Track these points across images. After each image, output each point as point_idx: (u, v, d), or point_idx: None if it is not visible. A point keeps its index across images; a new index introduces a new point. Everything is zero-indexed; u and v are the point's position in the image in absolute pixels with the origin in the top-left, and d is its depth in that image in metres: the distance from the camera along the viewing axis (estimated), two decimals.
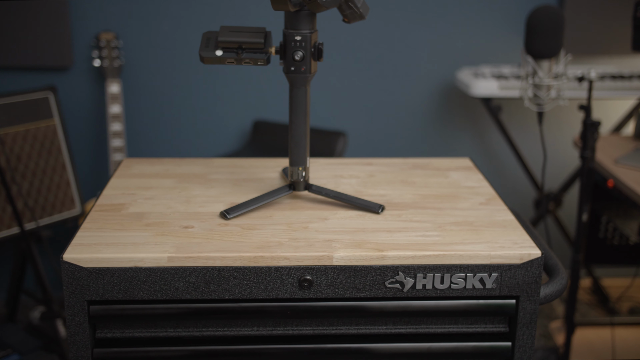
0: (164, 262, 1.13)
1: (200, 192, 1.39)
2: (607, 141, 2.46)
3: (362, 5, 1.31)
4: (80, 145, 2.75)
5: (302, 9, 1.23)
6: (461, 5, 2.72)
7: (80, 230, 1.21)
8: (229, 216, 1.27)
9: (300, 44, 1.24)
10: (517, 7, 2.72)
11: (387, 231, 1.24)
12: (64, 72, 2.67)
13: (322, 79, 2.72)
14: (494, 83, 2.48)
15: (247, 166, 1.54)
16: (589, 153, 2.00)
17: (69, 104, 2.69)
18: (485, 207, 1.35)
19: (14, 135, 2.35)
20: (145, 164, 1.53)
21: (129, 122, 2.73)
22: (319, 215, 1.30)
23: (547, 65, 1.89)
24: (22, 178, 2.36)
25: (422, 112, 2.84)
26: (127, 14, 2.63)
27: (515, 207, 2.92)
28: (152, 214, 1.28)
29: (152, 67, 2.70)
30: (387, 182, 1.47)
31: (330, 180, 1.47)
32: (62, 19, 2.56)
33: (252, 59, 1.25)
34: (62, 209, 2.47)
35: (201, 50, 1.26)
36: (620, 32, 2.70)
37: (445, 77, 2.80)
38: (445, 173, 1.52)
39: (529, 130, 2.87)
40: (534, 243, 1.20)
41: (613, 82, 2.51)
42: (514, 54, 2.78)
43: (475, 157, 2.91)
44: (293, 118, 1.30)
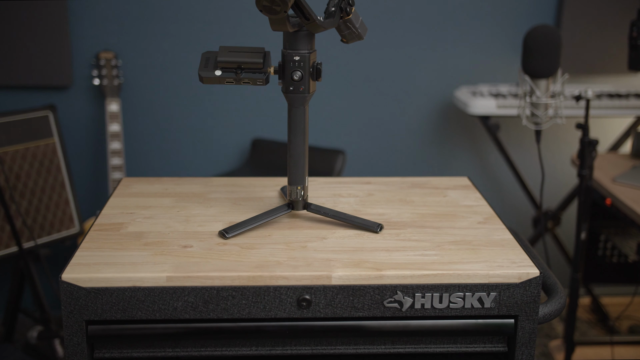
0: (163, 282, 1.13)
1: (199, 212, 1.39)
2: (605, 159, 2.47)
3: (360, 26, 1.33)
4: (80, 163, 2.75)
5: (301, 29, 1.24)
6: (459, 25, 2.74)
7: (79, 249, 1.21)
8: (228, 235, 1.27)
9: (298, 64, 1.25)
10: (514, 26, 2.74)
11: (386, 250, 1.24)
12: (63, 91, 2.68)
13: (321, 97, 2.73)
14: (492, 102, 2.50)
15: (246, 185, 1.55)
16: (587, 171, 2.00)
17: (68, 123, 2.70)
18: (484, 226, 1.35)
19: (13, 154, 2.35)
20: (144, 183, 1.53)
21: (128, 141, 2.74)
22: (318, 235, 1.30)
23: (545, 84, 1.90)
24: (21, 197, 2.36)
25: (420, 131, 2.85)
26: (126, 33, 2.65)
27: (514, 225, 2.92)
28: (151, 234, 1.29)
29: (151, 86, 2.72)
30: (386, 201, 1.47)
31: (328, 199, 1.48)
32: (63, 38, 2.57)
33: (251, 79, 1.26)
34: (60, 228, 2.47)
35: (200, 70, 1.27)
36: (617, 52, 2.72)
37: (443, 96, 2.82)
38: (444, 192, 1.53)
39: (527, 149, 2.88)
40: (532, 262, 1.20)
41: (610, 100, 2.52)
42: (511, 73, 2.79)
43: (474, 175, 2.92)
44: (292, 137, 1.31)
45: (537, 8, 2.73)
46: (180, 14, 2.64)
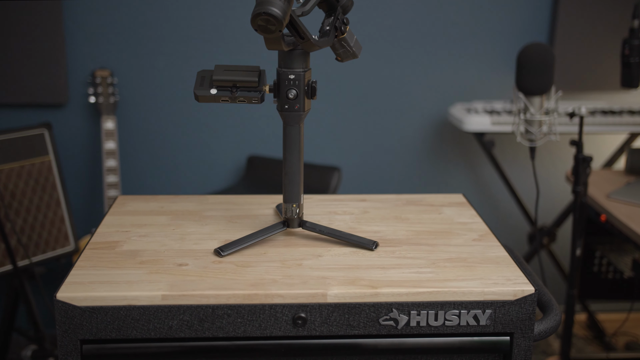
0: (158, 301, 1.13)
1: (195, 229, 1.39)
2: (599, 176, 2.48)
3: (354, 44, 1.34)
4: (75, 181, 2.75)
5: (296, 48, 1.24)
6: (454, 42, 2.76)
7: (74, 268, 1.21)
8: (223, 253, 1.27)
9: (293, 83, 1.26)
10: (508, 43, 2.76)
11: (381, 268, 1.24)
12: (59, 109, 2.69)
13: (316, 114, 2.74)
14: (487, 118, 2.51)
15: (242, 203, 1.55)
16: (581, 188, 2.01)
17: (64, 140, 2.70)
18: (479, 244, 1.35)
19: (9, 172, 2.35)
20: (140, 201, 1.54)
21: (123, 158, 2.74)
22: (313, 252, 1.30)
23: (539, 101, 1.91)
24: (16, 215, 2.36)
25: (415, 147, 2.86)
26: (122, 51, 2.66)
27: (509, 242, 2.92)
28: (147, 252, 1.28)
29: (147, 104, 2.72)
30: (381, 218, 1.48)
31: (324, 216, 1.48)
32: (59, 56, 2.58)
33: (247, 98, 1.27)
34: (55, 246, 2.47)
35: (196, 89, 1.27)
36: (610, 69, 2.74)
37: (438, 113, 2.83)
38: (439, 209, 1.53)
39: (522, 165, 2.89)
40: (527, 279, 1.20)
41: (604, 117, 2.54)
42: (506, 90, 2.81)
43: (469, 192, 2.92)
44: (287, 155, 1.31)
45: (531, 26, 2.75)
46: (176, 33, 2.66)
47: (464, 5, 2.72)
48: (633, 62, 1.97)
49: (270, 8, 1.09)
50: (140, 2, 2.61)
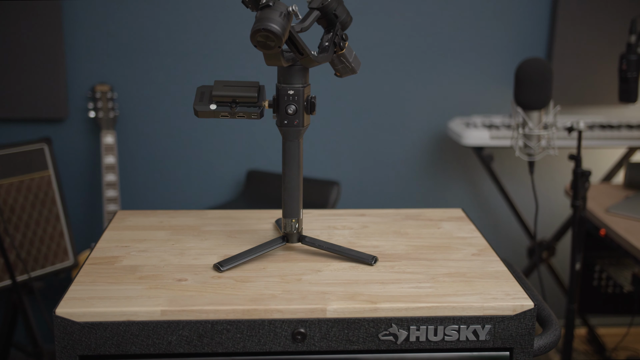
0: (157, 316, 1.13)
1: (194, 244, 1.40)
2: (598, 190, 2.48)
3: (353, 60, 1.34)
4: (74, 195, 2.75)
5: (295, 64, 1.25)
6: (452, 57, 2.77)
7: (74, 284, 1.21)
8: (223, 269, 1.27)
9: (293, 98, 1.26)
10: (507, 58, 2.78)
11: (380, 283, 1.24)
12: (59, 124, 2.69)
13: (315, 128, 2.74)
14: (486, 133, 2.52)
15: (241, 218, 1.55)
16: (580, 202, 2.01)
17: (63, 155, 2.71)
18: (478, 258, 1.35)
19: (8, 186, 2.35)
20: (139, 216, 1.54)
21: (123, 173, 2.75)
22: (312, 267, 1.30)
23: (537, 115, 1.92)
24: (15, 230, 2.36)
25: (414, 162, 2.87)
26: (122, 66, 2.67)
27: (509, 256, 2.92)
28: (146, 267, 1.29)
29: (146, 119, 2.73)
30: (380, 233, 1.48)
31: (323, 231, 1.48)
32: (59, 71, 2.59)
33: (246, 113, 1.27)
34: (54, 261, 2.46)
35: (195, 105, 1.28)
36: (608, 83, 2.75)
37: (437, 127, 2.84)
38: (438, 224, 1.53)
39: (521, 179, 2.89)
40: (527, 294, 1.20)
41: (602, 131, 2.55)
42: (504, 104, 2.82)
43: (468, 206, 2.92)
44: (286, 170, 1.32)
45: (529, 41, 2.77)
46: (176, 48, 2.67)
47: (462, 20, 2.73)
48: (630, 77, 1.98)
49: (269, 24, 1.10)
50: (140, 18, 2.63)
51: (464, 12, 2.72)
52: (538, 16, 2.75)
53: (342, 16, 1.28)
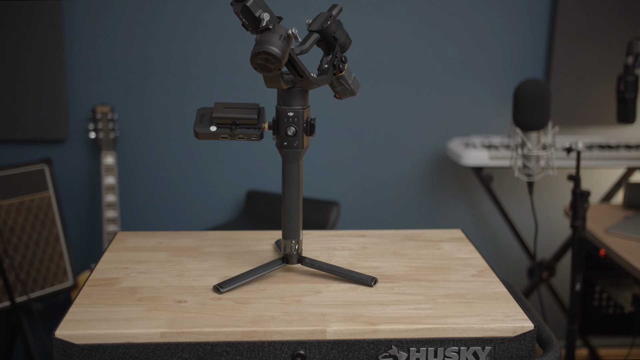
0: (157, 338, 1.13)
1: (194, 266, 1.40)
2: (598, 210, 2.48)
3: (352, 82, 1.35)
4: (74, 216, 2.76)
5: (295, 86, 1.26)
6: (451, 77, 2.79)
7: (73, 305, 1.21)
8: (222, 290, 1.27)
9: (292, 120, 1.27)
10: (506, 78, 2.79)
11: (380, 304, 1.24)
12: (60, 144, 2.70)
13: (315, 148, 2.75)
14: (485, 153, 2.52)
15: (241, 239, 1.55)
16: (580, 223, 2.01)
17: (64, 176, 2.71)
18: (478, 279, 1.35)
19: (8, 207, 2.35)
20: (139, 237, 1.54)
21: (123, 193, 2.75)
22: (312, 289, 1.30)
23: (536, 136, 1.92)
24: (15, 251, 2.36)
25: (414, 182, 2.87)
26: (123, 87, 2.68)
27: (509, 276, 2.92)
28: (146, 289, 1.28)
29: (146, 139, 2.74)
30: (380, 254, 1.48)
31: (323, 252, 1.48)
32: (60, 93, 2.60)
33: (246, 135, 1.28)
34: (54, 282, 2.46)
35: (196, 126, 1.28)
36: (606, 103, 2.76)
37: (436, 148, 2.85)
38: (438, 244, 1.54)
39: (521, 199, 2.90)
40: (527, 315, 1.20)
41: (601, 151, 2.56)
42: (503, 124, 2.83)
43: (468, 226, 2.92)
44: (286, 192, 1.32)
45: (527, 61, 2.79)
46: (176, 69, 2.69)
47: (461, 41, 2.75)
48: (628, 98, 1.99)
49: (269, 47, 1.11)
50: (140, 39, 2.65)
51: (462, 33, 2.75)
52: (536, 37, 2.77)
53: (341, 38, 1.29)
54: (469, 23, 2.74)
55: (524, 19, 2.75)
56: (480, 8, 2.73)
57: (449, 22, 2.73)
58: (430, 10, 2.71)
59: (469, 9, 2.72)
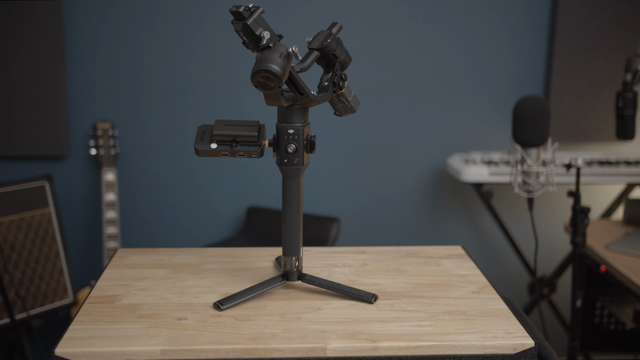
0: (157, 356, 1.12)
1: (194, 283, 1.40)
2: (598, 226, 2.48)
3: (352, 99, 1.36)
4: (75, 232, 2.76)
5: (295, 103, 1.27)
6: (451, 94, 2.80)
7: (73, 323, 1.21)
8: (223, 307, 1.27)
9: (293, 137, 1.27)
10: (505, 94, 2.80)
11: (381, 321, 1.24)
12: (60, 161, 2.71)
13: (315, 165, 2.76)
14: (485, 169, 2.53)
15: (241, 255, 1.55)
16: (580, 239, 2.01)
17: (64, 192, 2.72)
18: (478, 296, 1.35)
19: (9, 224, 2.35)
20: (140, 254, 1.54)
21: (123, 210, 2.75)
22: (312, 306, 1.30)
23: (536, 152, 1.93)
24: (15, 267, 2.36)
25: (414, 198, 2.88)
26: (123, 104, 2.69)
27: (509, 291, 2.91)
28: (146, 306, 1.28)
29: (147, 156, 2.74)
30: (380, 270, 1.48)
31: (323, 269, 1.48)
32: (61, 109, 2.61)
33: (246, 152, 1.28)
34: (54, 298, 2.45)
35: (196, 144, 1.29)
36: (606, 120, 2.77)
37: (436, 164, 2.85)
38: (438, 261, 1.53)
39: (521, 215, 2.90)
40: (527, 332, 1.20)
41: (601, 167, 2.56)
42: (503, 140, 2.84)
43: (468, 241, 2.92)
44: (286, 209, 1.32)
45: (526, 78, 2.80)
46: (177, 86, 2.70)
47: (461, 57, 2.77)
48: (627, 115, 2.00)
49: (269, 65, 1.12)
50: (141, 56, 2.66)
51: (462, 50, 2.76)
52: (535, 54, 2.78)
53: (341, 56, 1.30)
54: (469, 40, 2.75)
55: (523, 36, 2.77)
56: (479, 25, 2.74)
57: (449, 39, 2.74)
58: (430, 27, 2.73)
59: (469, 25, 2.74)
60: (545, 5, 2.74)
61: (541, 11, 2.75)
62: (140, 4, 2.62)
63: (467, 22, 2.74)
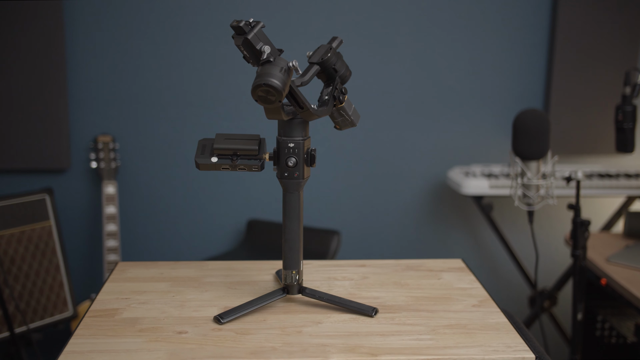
0: None
1: (195, 296, 1.39)
2: (598, 239, 2.48)
3: (352, 113, 1.36)
4: (75, 245, 2.76)
5: (295, 117, 1.27)
6: (451, 107, 2.81)
7: (73, 337, 1.21)
8: (223, 321, 1.27)
9: (293, 151, 1.28)
10: (505, 107, 2.81)
11: (381, 335, 1.24)
12: (61, 174, 2.71)
13: (316, 178, 2.76)
14: (485, 182, 2.53)
15: (241, 269, 1.55)
16: (580, 252, 2.01)
17: (65, 205, 2.72)
18: (478, 309, 1.35)
19: (9, 237, 2.36)
20: (140, 268, 1.54)
21: (123, 223, 2.75)
22: (313, 319, 1.30)
23: (535, 165, 1.93)
24: (15, 281, 2.35)
25: (414, 211, 2.88)
26: (124, 117, 2.70)
27: (510, 304, 2.90)
28: (146, 319, 1.28)
29: (147, 169, 2.75)
30: (380, 284, 1.48)
31: (323, 282, 1.48)
32: (62, 123, 2.62)
33: (247, 165, 1.29)
34: (54, 312, 2.45)
35: (197, 157, 1.29)
36: (605, 133, 2.78)
37: (436, 176, 2.85)
38: (438, 274, 1.53)
39: (521, 228, 2.90)
40: (528, 346, 1.20)
41: (601, 180, 2.56)
42: (503, 153, 2.84)
43: (468, 254, 2.92)
44: (286, 222, 1.33)
45: (526, 91, 2.81)
46: (177, 100, 2.71)
47: (461, 71, 2.78)
48: (627, 128, 2.00)
49: (270, 79, 1.12)
50: (142, 70, 2.67)
51: (462, 63, 2.77)
52: (535, 68, 2.79)
53: (341, 70, 1.30)
54: (469, 53, 2.76)
55: (522, 50, 2.78)
56: (479, 38, 2.75)
57: (449, 52, 2.76)
58: (430, 41, 2.74)
59: (469, 39, 2.75)
60: (544, 19, 2.76)
61: (540, 25, 2.76)
62: (141, 18, 2.64)
63: (467, 36, 2.75)
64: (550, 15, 2.75)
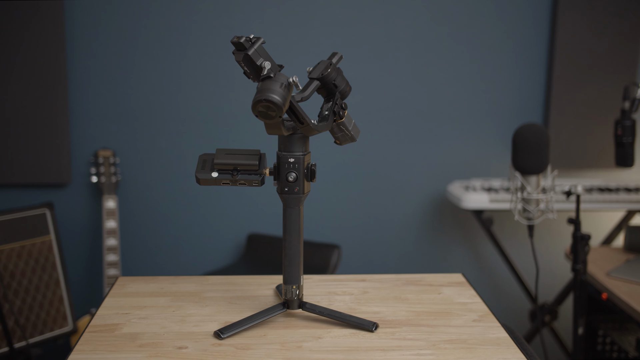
0: None
1: (195, 311, 1.39)
2: (599, 253, 2.48)
3: (352, 128, 1.37)
4: (75, 259, 2.75)
5: (295, 132, 1.28)
6: (451, 121, 2.81)
7: (73, 352, 1.20)
8: (223, 336, 1.27)
9: (293, 166, 1.28)
10: (505, 122, 2.82)
11: (381, 350, 1.23)
12: (61, 188, 2.72)
13: (316, 192, 2.76)
14: (485, 196, 2.53)
15: (242, 283, 1.55)
16: (581, 266, 2.01)
17: (65, 220, 2.72)
18: (479, 324, 1.35)
19: (9, 252, 2.36)
20: (140, 282, 1.54)
21: (124, 237, 2.75)
22: (313, 334, 1.30)
23: (535, 180, 1.93)
24: (15, 295, 2.35)
25: (414, 225, 2.88)
26: (125, 132, 2.71)
27: (510, 319, 2.90)
28: (146, 335, 1.28)
29: (148, 183, 2.75)
30: (381, 298, 1.48)
31: (324, 297, 1.48)
32: (63, 137, 2.63)
33: (247, 180, 1.29)
34: (53, 326, 2.45)
35: (197, 172, 1.30)
36: (605, 147, 2.78)
37: (436, 191, 2.86)
38: (438, 289, 1.53)
39: (521, 242, 2.90)
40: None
41: (601, 194, 2.56)
42: (503, 167, 2.85)
43: (469, 268, 2.92)
44: (287, 237, 1.33)
45: (526, 105, 2.82)
46: (178, 115, 2.71)
47: (460, 85, 2.79)
48: (626, 142, 2.01)
49: (270, 95, 1.13)
50: (142, 84, 2.68)
51: (462, 78, 2.78)
52: (534, 82, 2.80)
53: (341, 86, 1.31)
54: (469, 68, 2.78)
55: (522, 64, 2.79)
56: (478, 53, 2.77)
57: (448, 67, 2.77)
58: (430, 56, 2.75)
59: (468, 54, 2.77)
60: (543, 34, 2.77)
61: (539, 39, 2.78)
62: (142, 33, 2.65)
63: (467, 51, 2.76)
64: (549, 30, 2.77)
